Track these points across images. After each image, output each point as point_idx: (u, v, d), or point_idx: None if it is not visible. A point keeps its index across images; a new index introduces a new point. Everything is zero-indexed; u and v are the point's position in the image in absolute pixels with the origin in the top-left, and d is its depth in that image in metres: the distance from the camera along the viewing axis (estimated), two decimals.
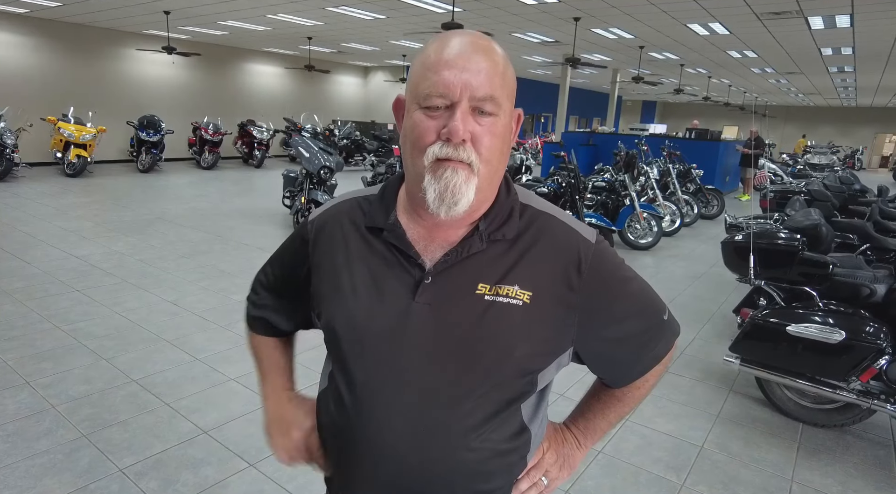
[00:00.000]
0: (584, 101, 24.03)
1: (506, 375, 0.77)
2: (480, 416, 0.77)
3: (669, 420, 2.88)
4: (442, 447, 0.77)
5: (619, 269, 0.84)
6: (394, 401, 0.77)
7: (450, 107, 0.71)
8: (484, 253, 0.78)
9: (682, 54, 12.42)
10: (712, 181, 10.31)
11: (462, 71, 0.70)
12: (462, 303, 0.76)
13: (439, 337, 0.76)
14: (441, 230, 0.79)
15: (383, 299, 0.78)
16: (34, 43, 11.21)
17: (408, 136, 0.75)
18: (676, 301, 4.86)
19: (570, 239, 0.81)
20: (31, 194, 8.28)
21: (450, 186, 0.71)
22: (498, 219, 0.79)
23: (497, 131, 0.73)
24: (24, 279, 4.53)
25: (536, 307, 0.76)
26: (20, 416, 2.61)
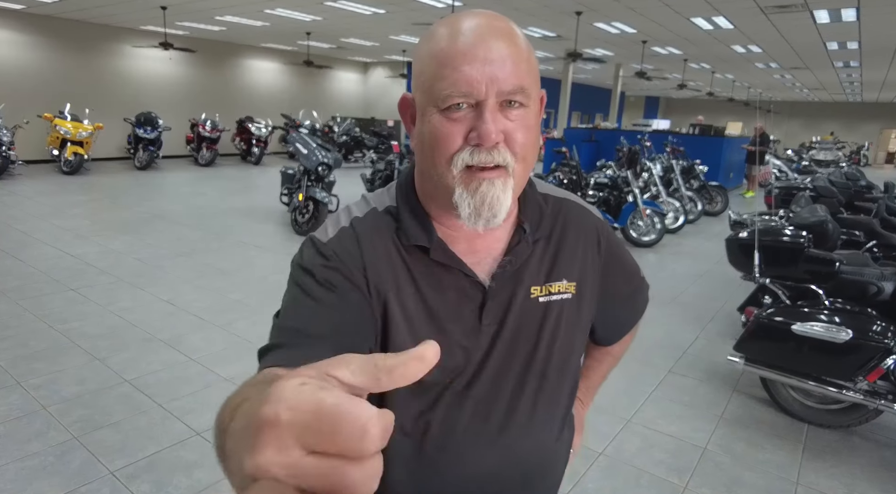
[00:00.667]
0: (586, 97, 23.92)
1: (572, 370, 0.79)
2: (553, 416, 0.79)
3: (672, 421, 2.82)
4: (525, 455, 0.77)
5: (617, 239, 0.88)
6: (468, 426, 0.74)
7: (473, 105, 0.62)
8: (529, 255, 0.75)
9: (686, 49, 12.32)
10: (716, 177, 10.23)
11: (485, 63, 0.60)
12: (522, 313, 0.73)
13: (510, 355, 0.74)
14: (481, 238, 0.73)
15: (446, 327, 0.71)
16: (30, 40, 11.15)
17: (428, 144, 0.65)
18: (679, 299, 4.80)
19: (588, 220, 0.81)
20: (28, 192, 8.24)
21: (486, 200, 0.64)
22: (535, 218, 0.76)
23: (530, 123, 0.66)
24: (19, 278, 4.48)
25: (582, 295, 0.77)
26: (11, 418, 2.57)
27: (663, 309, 4.54)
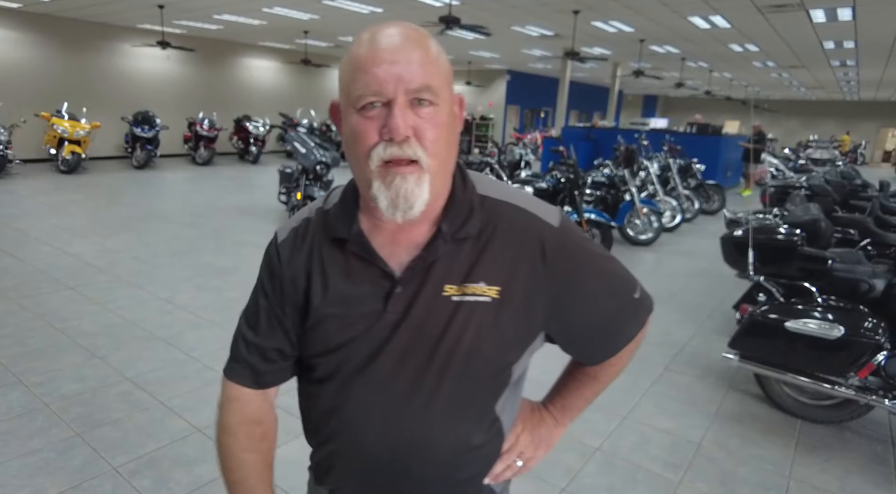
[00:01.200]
0: (584, 96, 23.95)
1: (479, 373, 0.77)
2: (454, 415, 0.78)
3: (668, 417, 2.85)
4: (418, 447, 0.79)
5: (586, 250, 0.83)
6: (372, 409, 0.78)
7: (386, 104, 0.68)
8: (448, 253, 0.76)
9: (684, 48, 12.35)
10: (713, 176, 10.26)
11: (392, 64, 0.67)
12: (431, 308, 0.75)
13: (412, 345, 0.76)
14: (404, 232, 0.77)
15: (354, 311, 0.77)
16: (27, 38, 11.13)
17: (349, 143, 0.72)
18: (677, 297, 4.84)
19: (531, 225, 0.79)
20: (25, 191, 8.24)
21: (401, 193, 0.69)
22: (459, 217, 0.76)
23: (440, 121, 0.70)
24: (17, 277, 4.50)
25: (506, 301, 0.76)
26: (13, 415, 2.59)
27: (660, 306, 4.53)
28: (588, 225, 5.54)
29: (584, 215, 5.45)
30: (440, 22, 7.51)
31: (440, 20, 7.52)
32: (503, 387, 0.82)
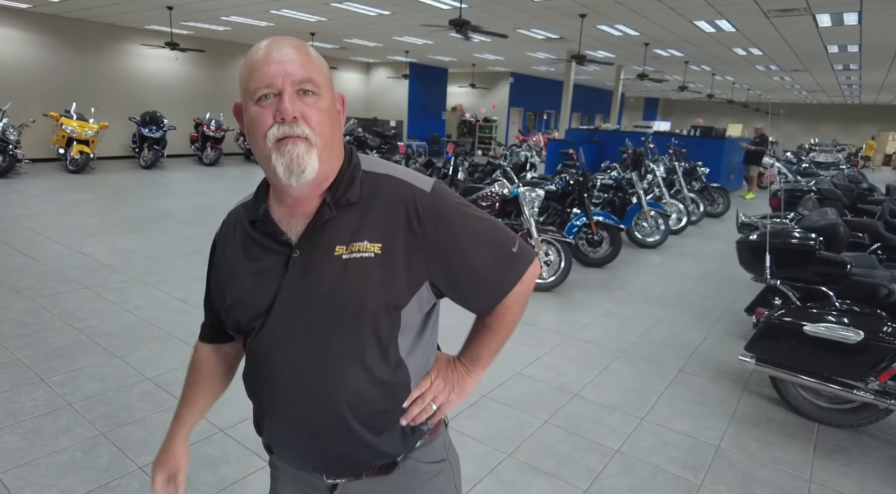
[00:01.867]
0: (586, 98, 23.99)
1: (371, 317, 0.89)
2: (356, 354, 0.91)
3: (684, 419, 2.87)
4: (325, 384, 0.91)
5: (460, 211, 0.95)
6: (285, 357, 0.92)
7: (277, 95, 0.84)
8: (336, 219, 0.90)
9: (687, 51, 12.40)
10: (717, 179, 10.29)
11: (280, 63, 0.84)
12: (325, 266, 0.89)
13: (312, 298, 0.89)
14: (300, 206, 0.92)
15: (263, 277, 0.92)
16: (36, 38, 11.16)
17: (250, 128, 0.88)
18: (686, 299, 4.86)
19: (405, 191, 0.92)
20: (35, 190, 8.26)
21: (293, 157, 0.84)
22: (342, 187, 0.91)
23: (322, 107, 0.87)
24: (33, 276, 4.52)
25: (386, 255, 0.89)
26: (37, 413, 2.61)
27: (670, 309, 4.60)
28: (597, 226, 5.57)
29: (593, 217, 5.47)
30: (451, 25, 7.53)
31: (450, 23, 7.54)
32: (396, 330, 0.93)
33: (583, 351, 3.68)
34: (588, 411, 2.92)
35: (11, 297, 4.05)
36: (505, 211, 5.04)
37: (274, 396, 0.95)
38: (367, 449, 0.96)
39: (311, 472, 1.01)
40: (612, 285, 5.19)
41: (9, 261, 4.87)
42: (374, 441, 0.96)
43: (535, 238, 4.69)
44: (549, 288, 4.82)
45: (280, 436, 0.99)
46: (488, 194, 5.06)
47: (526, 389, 3.12)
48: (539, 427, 2.74)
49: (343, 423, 0.93)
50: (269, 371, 0.94)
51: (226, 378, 1.16)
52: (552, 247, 4.82)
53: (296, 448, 0.99)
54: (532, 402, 2.98)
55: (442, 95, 20.06)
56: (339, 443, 0.95)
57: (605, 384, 3.24)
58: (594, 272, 5.56)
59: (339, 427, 0.93)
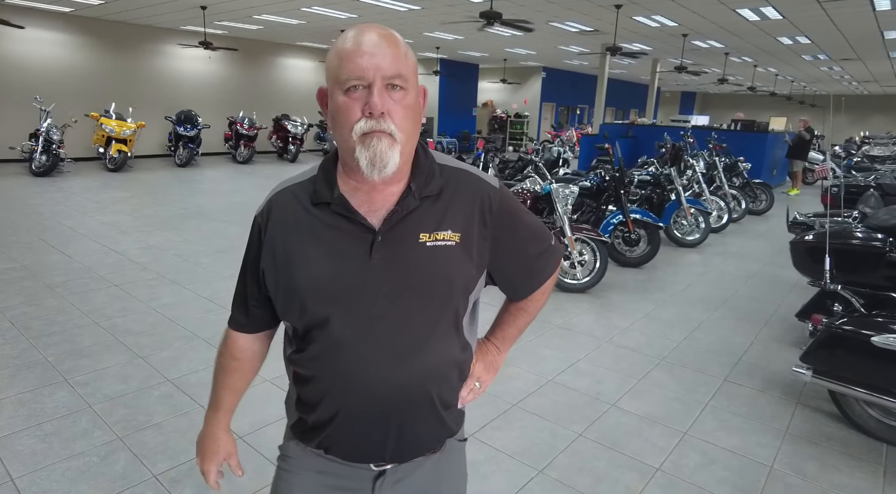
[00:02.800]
0: (620, 92, 23.41)
1: (451, 299, 0.96)
2: (440, 336, 0.96)
3: (731, 433, 2.65)
4: (416, 364, 0.94)
5: (518, 207, 1.05)
6: (371, 341, 0.92)
7: (367, 87, 0.84)
8: (419, 208, 0.93)
9: (728, 42, 11.88)
10: (759, 175, 9.82)
11: (373, 56, 0.84)
12: (410, 252, 0.92)
13: (397, 282, 0.91)
14: (378, 194, 0.93)
15: (345, 260, 0.91)
16: (78, 41, 11.47)
17: (336, 117, 0.88)
18: (730, 302, 4.58)
19: (481, 186, 0.99)
20: (75, 188, 8.47)
21: (377, 152, 0.85)
22: (424, 179, 0.94)
23: (408, 103, 0.88)
24: (66, 274, 4.57)
25: (464, 243, 0.95)
26: (58, 415, 2.58)
27: (713, 312, 4.33)
28: (634, 225, 5.32)
29: (629, 215, 5.22)
30: (481, 17, 7.35)
31: (481, 16, 7.36)
32: (464, 310, 1.00)
33: (620, 358, 3.47)
34: (626, 423, 2.73)
35: (45, 294, 4.09)
36: (536, 208, 4.85)
37: (350, 382, 0.94)
38: (441, 428, 1.03)
39: (364, 461, 1.01)
40: (651, 286, 4.94)
41: (45, 258, 4.95)
42: (445, 417, 1.02)
43: (568, 236, 4.49)
44: (584, 290, 4.61)
45: (346, 424, 0.97)
46: (519, 191, 4.88)
47: (559, 398, 2.94)
48: (573, 441, 2.56)
49: (429, 403, 0.98)
50: (349, 357, 0.93)
51: (259, 367, 1.16)
52: (587, 247, 4.60)
53: (364, 435, 0.98)
54: (566, 413, 2.80)
55: (473, 91, 19.86)
56: (418, 424, 0.99)
57: (644, 393, 3.03)
58: (631, 272, 5.31)
59: (425, 407, 0.98)
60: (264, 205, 1.00)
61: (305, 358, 0.98)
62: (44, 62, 11.05)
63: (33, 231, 5.86)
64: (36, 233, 5.80)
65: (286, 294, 0.96)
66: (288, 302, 0.96)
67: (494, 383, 3.04)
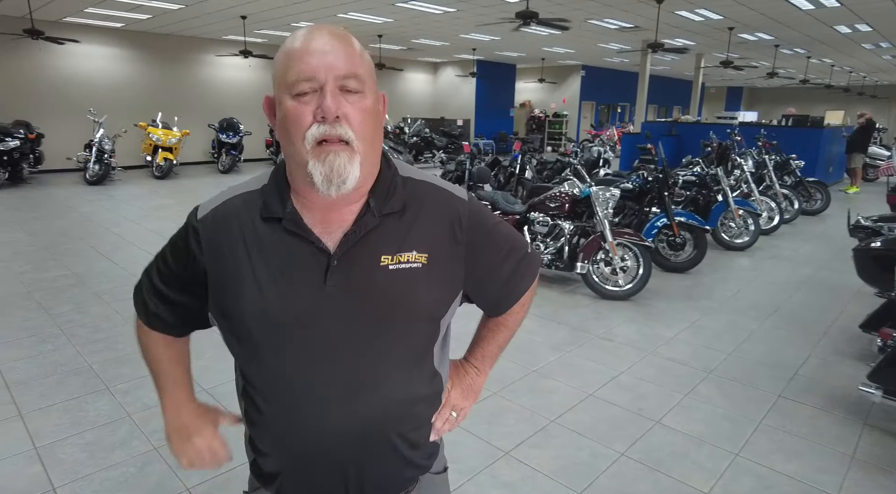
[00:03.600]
0: (662, 89, 22.73)
1: (416, 328, 0.87)
2: (402, 371, 0.87)
3: (789, 457, 2.46)
4: (375, 408, 0.85)
5: (490, 219, 0.96)
6: (323, 378, 0.83)
7: (318, 90, 0.76)
8: (379, 227, 0.83)
9: (779, 34, 11.34)
10: (814, 172, 9.31)
11: (324, 54, 0.75)
12: (370, 277, 0.82)
13: (354, 311, 0.82)
14: (334, 211, 0.83)
15: (294, 287, 0.81)
16: (128, 54, 11.95)
17: (284, 126, 0.78)
18: (783, 310, 4.31)
19: (448, 200, 0.90)
20: (124, 196, 8.79)
21: (335, 167, 0.76)
22: (385, 195, 0.85)
23: (366, 107, 0.79)
24: (112, 281, 4.71)
25: (433, 265, 0.86)
26: (99, 423, 2.63)
27: (764, 321, 4.09)
28: (679, 228, 5.10)
29: (674, 217, 5.01)
30: (517, 17, 7.23)
31: (517, 16, 7.24)
32: (434, 339, 0.92)
33: (665, 370, 3.31)
34: (672, 442, 2.57)
35: (92, 301, 4.22)
36: (575, 212, 4.70)
37: (300, 422, 0.85)
38: (408, 468, 0.94)
39: None
40: (697, 293, 4.71)
41: (94, 266, 5.13)
42: (412, 456, 0.93)
43: (609, 241, 4.32)
44: (626, 297, 4.44)
45: (301, 469, 0.89)
46: (557, 194, 4.74)
47: (600, 414, 2.81)
48: (615, 461, 2.43)
49: (387, 441, 0.89)
50: (296, 390, 0.84)
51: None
52: (629, 252, 4.43)
53: (321, 480, 0.89)
54: (607, 430, 2.66)
55: (510, 92, 19.69)
56: (381, 467, 0.90)
57: (691, 410, 2.87)
58: (676, 278, 5.09)
59: (385, 449, 0.89)
60: (208, 213, 0.88)
61: (252, 394, 0.89)
62: (97, 76, 11.55)
63: (85, 239, 6.09)
64: (87, 240, 6.02)
65: (227, 318, 0.86)
66: (229, 328, 0.87)
67: (531, 396, 2.95)
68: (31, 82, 10.75)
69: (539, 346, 3.58)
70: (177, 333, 0.99)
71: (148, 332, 0.98)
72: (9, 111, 10.14)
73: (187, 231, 0.89)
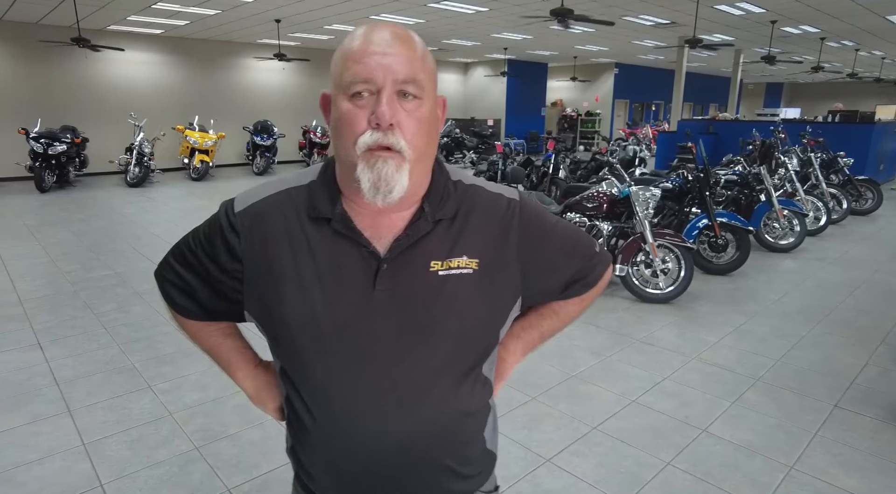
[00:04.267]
0: (697, 87, 22.17)
1: (470, 338, 0.83)
2: (454, 379, 0.83)
3: (850, 472, 2.32)
4: (423, 416, 0.81)
5: (547, 218, 0.91)
6: (369, 388, 0.80)
7: (375, 93, 0.72)
8: (430, 233, 0.80)
9: (825, 26, 10.89)
10: (863, 171, 8.91)
11: (383, 56, 0.72)
12: (419, 283, 0.79)
13: (404, 319, 0.79)
14: (385, 216, 0.80)
15: (342, 291, 0.79)
16: (166, 59, 12.28)
17: (338, 127, 0.76)
18: (834, 315, 4.11)
19: (498, 202, 0.87)
20: (162, 198, 9.03)
21: (382, 175, 0.73)
22: (439, 200, 0.82)
23: (422, 116, 0.75)
24: (152, 281, 4.71)
25: (485, 271, 0.82)
26: (143, 421, 2.67)
27: (815, 326, 3.90)
28: (721, 228, 4.92)
29: (716, 219, 4.84)
30: (552, 15, 7.12)
31: (551, 13, 7.14)
32: (490, 350, 0.88)
33: (710, 376, 3.18)
34: (720, 452, 2.47)
35: (133, 301, 4.32)
36: (614, 212, 4.59)
37: (343, 434, 0.82)
38: (459, 483, 0.89)
39: None
40: (741, 296, 4.54)
41: (135, 266, 5.26)
42: (465, 472, 0.89)
43: (649, 243, 4.20)
44: (667, 300, 4.30)
45: (344, 483, 0.85)
46: (595, 194, 4.63)
47: (643, 421, 2.72)
48: (661, 470, 2.34)
49: (440, 461, 0.85)
50: (342, 404, 0.81)
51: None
52: (670, 253, 4.29)
53: (360, 487, 0.85)
54: (651, 438, 2.57)
55: (541, 91, 19.50)
56: (429, 485, 0.86)
57: (739, 418, 2.74)
58: (719, 280, 4.92)
59: (435, 466, 0.85)
60: (249, 206, 0.84)
61: (293, 401, 0.86)
62: (137, 81, 11.90)
63: (126, 239, 6.26)
64: (128, 241, 6.19)
65: (267, 319, 0.83)
66: (269, 330, 0.83)
67: (571, 402, 2.88)
68: (76, 88, 11.15)
69: (578, 350, 3.50)
70: (212, 320, 0.96)
71: (183, 319, 0.97)
72: (58, 116, 10.54)
73: (223, 224, 0.84)
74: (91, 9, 8.85)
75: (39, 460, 2.36)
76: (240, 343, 1.01)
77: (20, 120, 10.06)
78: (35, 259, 5.42)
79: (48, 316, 3.96)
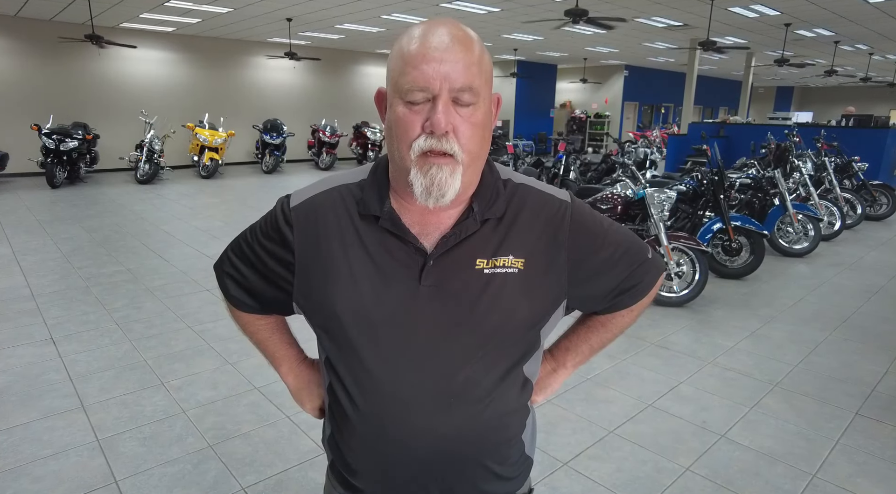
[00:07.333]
0: (707, 90, 22.04)
1: (512, 337, 0.84)
2: (497, 377, 0.84)
3: (875, 481, 2.28)
4: (466, 413, 0.82)
5: (598, 220, 0.90)
6: (413, 381, 0.81)
7: (431, 99, 0.73)
8: (478, 231, 0.81)
9: (840, 29, 10.79)
10: (878, 175, 8.82)
11: (440, 63, 0.72)
12: (465, 280, 0.80)
13: (448, 315, 0.80)
14: (433, 215, 0.81)
15: (389, 285, 0.80)
16: (177, 57, 12.31)
17: (393, 130, 0.77)
18: (851, 322, 4.05)
19: (548, 203, 0.87)
20: (172, 195, 9.04)
21: (436, 181, 0.74)
22: (488, 200, 0.83)
23: (477, 120, 0.76)
24: (164, 277, 4.81)
25: (530, 270, 0.82)
26: (156, 419, 2.65)
27: (832, 332, 3.85)
28: (735, 232, 4.87)
29: (731, 222, 4.78)
30: (566, 16, 7.08)
31: (565, 14, 7.10)
32: (533, 349, 0.88)
33: (727, 381, 3.14)
34: (740, 459, 2.42)
35: (145, 297, 4.31)
36: (628, 214, 4.55)
37: (385, 427, 0.84)
38: (497, 484, 0.90)
39: None
40: (756, 301, 4.49)
41: (147, 262, 5.26)
42: (504, 473, 0.90)
43: (664, 246, 4.16)
44: (682, 304, 4.26)
45: (381, 477, 0.87)
46: (609, 196, 4.59)
47: (661, 426, 2.68)
48: (680, 476, 2.30)
49: (480, 460, 0.86)
50: (385, 398, 0.82)
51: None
52: (684, 257, 4.25)
53: (402, 486, 0.87)
54: (669, 443, 2.53)
55: (550, 92, 19.44)
56: (468, 484, 0.87)
57: (758, 424, 2.70)
58: (733, 284, 4.87)
59: (475, 464, 0.86)
60: (304, 202, 0.86)
61: (337, 391, 0.87)
62: (148, 78, 11.95)
63: (137, 236, 6.27)
64: (139, 237, 6.20)
65: (317, 311, 0.85)
66: (318, 321, 0.86)
67: (587, 406, 2.84)
68: (88, 85, 11.20)
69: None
70: (263, 313, 0.99)
71: (237, 312, 1.00)
72: (69, 113, 10.59)
73: (279, 217, 0.87)
74: (104, 6, 8.89)
75: (55, 455, 2.35)
76: (287, 338, 1.05)
77: (33, 116, 10.12)
78: (47, 254, 5.44)
79: (61, 312, 3.96)
